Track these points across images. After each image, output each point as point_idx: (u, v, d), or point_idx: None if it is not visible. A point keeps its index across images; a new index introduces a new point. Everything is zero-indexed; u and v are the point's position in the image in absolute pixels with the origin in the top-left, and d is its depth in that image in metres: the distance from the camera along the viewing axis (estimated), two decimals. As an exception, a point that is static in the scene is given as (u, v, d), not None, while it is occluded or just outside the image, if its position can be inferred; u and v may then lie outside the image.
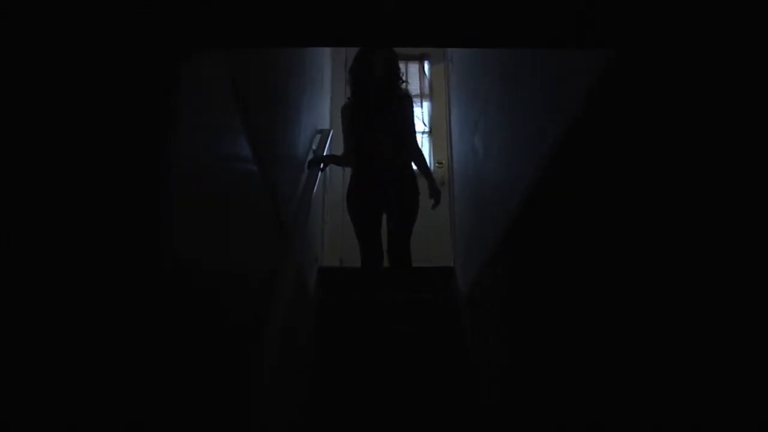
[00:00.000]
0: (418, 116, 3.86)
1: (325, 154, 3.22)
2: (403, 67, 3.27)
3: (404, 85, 3.04)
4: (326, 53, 4.39)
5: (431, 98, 5.16)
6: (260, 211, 1.80)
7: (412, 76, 5.11)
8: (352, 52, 4.79)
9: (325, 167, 3.14)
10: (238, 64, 1.39)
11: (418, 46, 3.32)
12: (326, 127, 4.03)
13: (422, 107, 5.13)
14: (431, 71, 5.22)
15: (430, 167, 3.25)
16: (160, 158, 0.95)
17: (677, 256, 1.00)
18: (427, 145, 4.97)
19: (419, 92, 5.11)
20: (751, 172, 0.83)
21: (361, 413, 2.48)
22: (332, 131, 3.68)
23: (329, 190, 4.32)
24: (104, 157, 0.91)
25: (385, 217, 3.07)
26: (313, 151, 3.20)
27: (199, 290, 1.15)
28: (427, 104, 5.18)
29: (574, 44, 1.27)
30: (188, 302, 1.08)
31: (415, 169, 3.09)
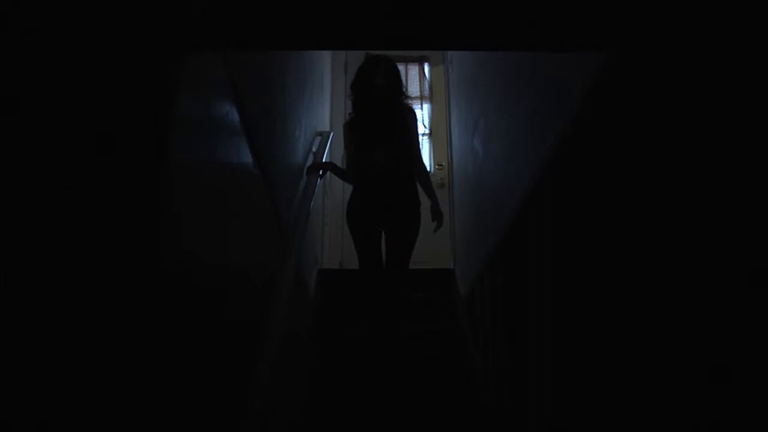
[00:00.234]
0: (418, 118, 3.79)
1: (324, 158, 3.21)
2: (402, 69, 3.21)
3: (407, 101, 2.95)
4: (326, 54, 4.38)
5: (431, 100, 5.17)
6: (259, 211, 1.81)
7: (412, 78, 5.12)
8: (352, 53, 4.81)
9: (323, 174, 3.12)
10: (237, 65, 1.40)
11: (417, 49, 3.31)
12: (326, 129, 4.03)
13: (422, 109, 5.14)
14: (431, 73, 5.23)
15: (430, 171, 3.18)
16: (159, 159, 0.96)
17: (677, 256, 1.01)
18: (427, 147, 4.98)
19: (419, 94, 5.12)
20: (747, 175, 0.84)
21: (360, 412, 2.48)
22: (332, 133, 3.68)
23: (329, 193, 4.32)
24: (104, 157, 0.92)
25: (384, 234, 2.99)
26: (313, 153, 3.19)
27: (198, 290, 1.16)
28: (427, 106, 5.19)
29: (571, 47, 1.28)
30: (188, 302, 1.09)
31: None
